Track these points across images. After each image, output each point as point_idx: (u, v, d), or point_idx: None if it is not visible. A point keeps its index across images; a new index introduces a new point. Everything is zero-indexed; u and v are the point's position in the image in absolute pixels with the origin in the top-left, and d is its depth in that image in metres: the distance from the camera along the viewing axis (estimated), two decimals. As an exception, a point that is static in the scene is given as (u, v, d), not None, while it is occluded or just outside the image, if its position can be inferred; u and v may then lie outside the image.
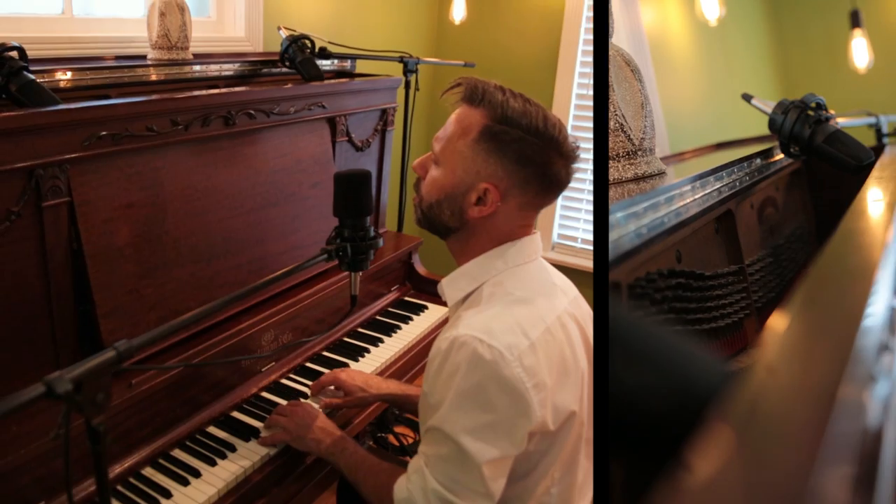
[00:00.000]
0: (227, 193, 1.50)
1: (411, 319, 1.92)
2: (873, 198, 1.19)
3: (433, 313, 1.96)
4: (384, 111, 1.97)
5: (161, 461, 1.30)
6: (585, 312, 1.18)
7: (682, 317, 1.09)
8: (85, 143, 1.20)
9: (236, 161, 1.52)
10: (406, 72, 2.06)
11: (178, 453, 1.33)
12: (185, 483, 1.27)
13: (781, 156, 1.67)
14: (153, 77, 1.51)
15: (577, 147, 1.10)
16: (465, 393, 1.02)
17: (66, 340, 1.26)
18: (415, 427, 2.48)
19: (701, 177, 1.27)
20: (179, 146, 1.39)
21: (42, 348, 1.23)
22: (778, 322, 0.56)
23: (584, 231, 2.99)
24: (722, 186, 1.32)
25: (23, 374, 1.21)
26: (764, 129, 1.62)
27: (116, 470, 1.25)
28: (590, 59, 2.75)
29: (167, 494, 1.23)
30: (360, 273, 1.22)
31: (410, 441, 2.39)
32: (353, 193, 1.17)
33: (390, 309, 1.96)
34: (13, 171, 1.12)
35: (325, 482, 1.52)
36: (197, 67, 1.59)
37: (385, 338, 1.81)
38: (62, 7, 1.58)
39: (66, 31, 1.56)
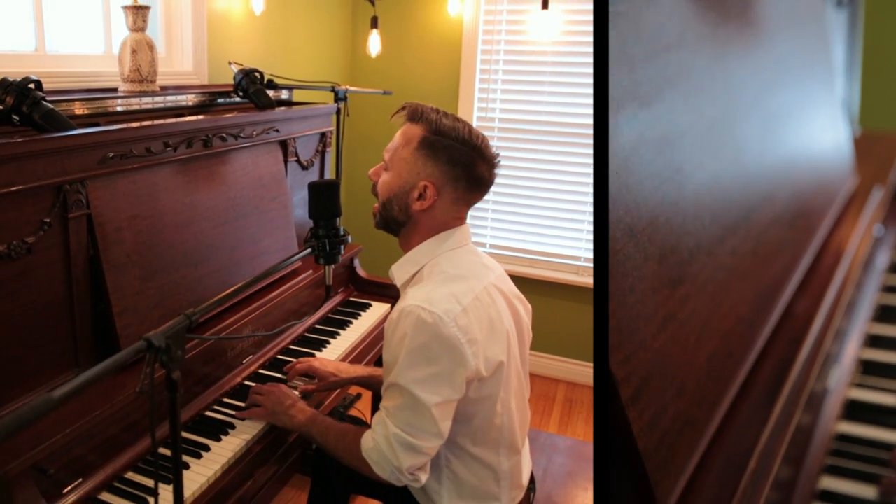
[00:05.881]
0: (206, 206, 1.69)
1: (359, 315, 2.16)
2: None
3: (377, 310, 2.22)
4: (323, 134, 2.23)
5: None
6: (509, 285, 1.45)
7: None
8: (100, 162, 1.38)
9: (212, 178, 1.72)
10: (337, 99, 2.32)
11: (186, 434, 1.50)
12: (199, 456, 1.45)
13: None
14: (136, 107, 1.69)
15: (498, 154, 1.40)
16: (413, 351, 1.24)
17: (85, 339, 1.41)
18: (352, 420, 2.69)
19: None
20: (169, 165, 1.58)
21: (64, 347, 1.38)
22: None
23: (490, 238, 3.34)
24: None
25: (45, 372, 1.35)
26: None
27: (135, 451, 1.41)
28: (486, 85, 3.13)
29: (185, 466, 1.41)
30: (333, 266, 1.46)
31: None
32: (327, 198, 1.42)
33: (340, 308, 2.20)
34: (46, 186, 1.28)
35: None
36: (170, 98, 1.78)
37: (340, 331, 2.05)
38: (35, 45, 1.72)
39: (40, 66, 1.70)
